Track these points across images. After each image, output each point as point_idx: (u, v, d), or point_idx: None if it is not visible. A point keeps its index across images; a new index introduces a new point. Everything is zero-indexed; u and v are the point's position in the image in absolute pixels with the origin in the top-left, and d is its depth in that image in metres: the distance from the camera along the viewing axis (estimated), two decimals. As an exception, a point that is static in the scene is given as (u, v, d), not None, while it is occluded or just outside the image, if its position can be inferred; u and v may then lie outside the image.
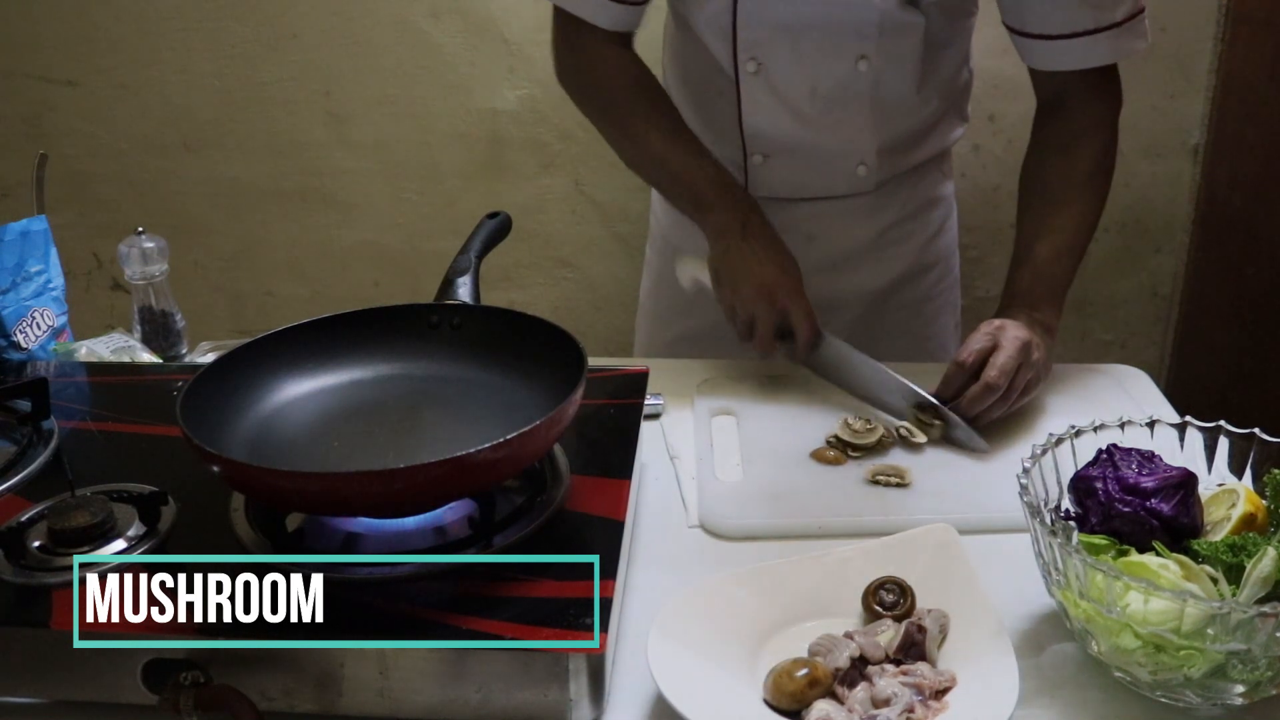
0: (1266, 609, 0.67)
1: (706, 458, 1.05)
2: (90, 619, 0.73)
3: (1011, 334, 1.08)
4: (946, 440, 1.08)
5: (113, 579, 0.77)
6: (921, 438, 1.07)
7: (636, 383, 1.04)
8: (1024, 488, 0.78)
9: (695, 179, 1.19)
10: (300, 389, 0.95)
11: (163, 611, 0.74)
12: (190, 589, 0.77)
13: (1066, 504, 0.83)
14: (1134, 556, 0.75)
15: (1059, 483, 0.84)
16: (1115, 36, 1.15)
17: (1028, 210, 1.22)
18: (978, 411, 1.07)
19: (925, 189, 1.36)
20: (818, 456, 1.05)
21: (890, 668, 0.76)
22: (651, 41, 1.41)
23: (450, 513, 0.85)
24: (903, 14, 1.17)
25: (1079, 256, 1.19)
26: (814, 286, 1.18)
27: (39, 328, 1.17)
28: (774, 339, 1.14)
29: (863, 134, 1.26)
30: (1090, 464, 0.82)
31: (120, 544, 0.80)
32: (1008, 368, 1.06)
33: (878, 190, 1.31)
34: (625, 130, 1.25)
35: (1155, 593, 0.69)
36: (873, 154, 1.27)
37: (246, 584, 0.78)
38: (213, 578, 0.79)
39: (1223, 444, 0.85)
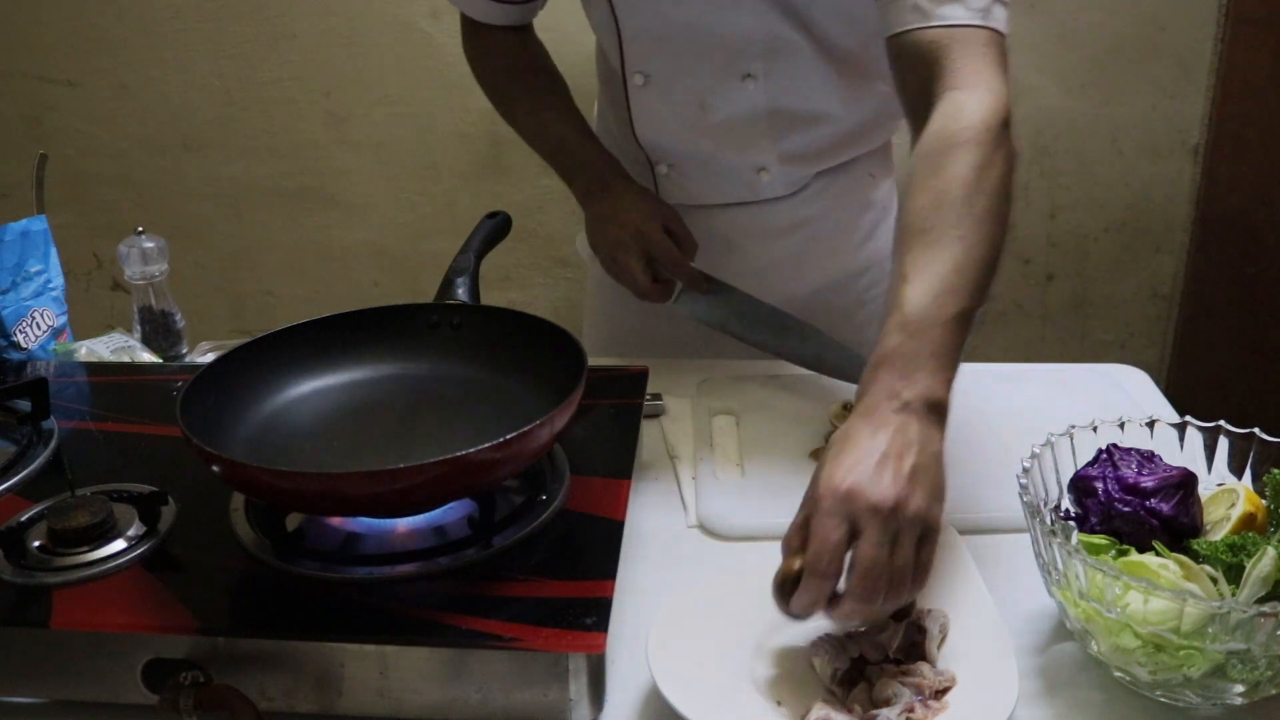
0: (1266, 609, 0.67)
1: (706, 458, 1.05)
2: (90, 619, 0.73)
3: (862, 505, 0.72)
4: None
5: (113, 579, 0.77)
6: None
7: (636, 383, 1.04)
8: (1024, 488, 0.78)
9: (565, 147, 1.23)
10: (300, 389, 0.95)
11: (163, 611, 0.74)
12: (190, 589, 0.77)
13: (1066, 504, 0.83)
14: (1134, 556, 0.75)
15: (1059, 483, 0.84)
16: None
17: (896, 248, 0.89)
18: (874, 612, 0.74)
19: (853, 192, 1.30)
20: (818, 456, 1.05)
21: (890, 668, 0.76)
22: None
23: (450, 513, 0.85)
24: (791, 33, 1.11)
25: (970, 300, 0.83)
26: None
27: (39, 328, 1.17)
28: (650, 286, 1.16)
29: (759, 145, 1.22)
30: (1090, 464, 0.82)
31: (120, 544, 0.80)
32: (875, 569, 0.71)
33: (795, 196, 1.27)
34: (510, 107, 1.29)
35: (1155, 593, 0.69)
36: (774, 161, 1.23)
37: (246, 584, 0.78)
38: (213, 578, 0.79)
39: (1222, 444, 0.85)
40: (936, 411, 0.79)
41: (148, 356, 1.20)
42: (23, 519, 0.83)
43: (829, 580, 0.72)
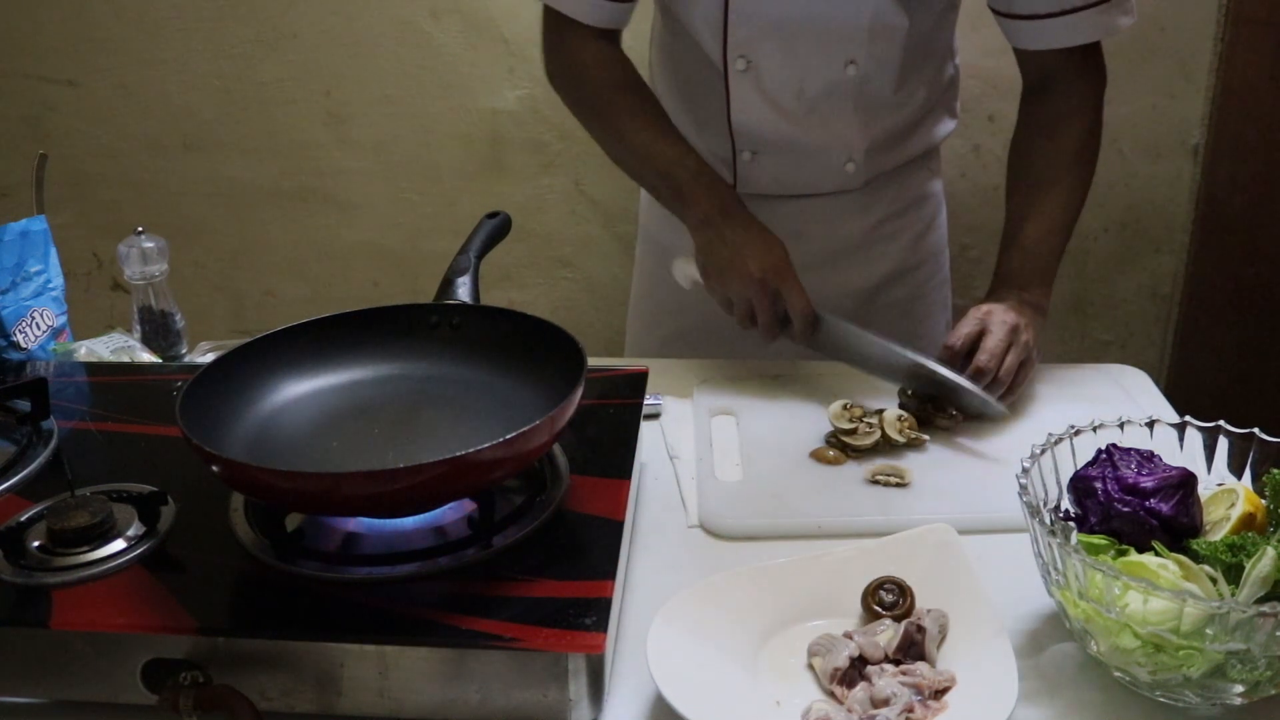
0: (1265, 609, 0.67)
1: (706, 458, 1.05)
2: (90, 619, 0.73)
3: (999, 318, 1.11)
4: (960, 410, 1.09)
5: (113, 579, 0.77)
6: (916, 434, 1.06)
7: (636, 383, 1.04)
8: (1023, 488, 0.78)
9: (676, 173, 1.19)
10: (300, 389, 0.95)
11: (163, 611, 0.74)
12: (190, 589, 0.77)
13: (1066, 504, 0.83)
14: (1133, 556, 0.75)
15: (1059, 483, 0.84)
16: (1101, 13, 1.16)
17: (1015, 192, 1.25)
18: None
19: (913, 186, 1.37)
20: (818, 456, 1.05)
21: (890, 668, 0.76)
22: (638, 39, 1.41)
23: (450, 513, 0.85)
24: (892, 14, 1.17)
25: (1067, 236, 1.21)
26: (803, 284, 1.18)
27: (39, 328, 1.17)
28: (775, 324, 1.15)
29: (849, 132, 1.26)
30: (1090, 464, 0.82)
31: (120, 544, 0.80)
32: (997, 351, 1.09)
33: (865, 187, 1.31)
34: (610, 126, 1.25)
35: (1155, 593, 0.69)
36: (860, 151, 1.28)
37: (246, 584, 0.78)
38: (212, 578, 0.79)
39: (1222, 444, 0.85)
40: (1041, 311, 1.18)
41: (148, 356, 1.20)
42: (23, 519, 0.83)
43: (955, 351, 1.10)
